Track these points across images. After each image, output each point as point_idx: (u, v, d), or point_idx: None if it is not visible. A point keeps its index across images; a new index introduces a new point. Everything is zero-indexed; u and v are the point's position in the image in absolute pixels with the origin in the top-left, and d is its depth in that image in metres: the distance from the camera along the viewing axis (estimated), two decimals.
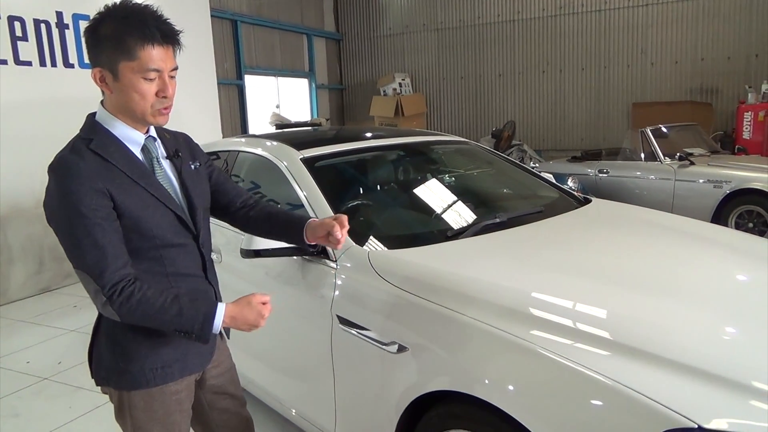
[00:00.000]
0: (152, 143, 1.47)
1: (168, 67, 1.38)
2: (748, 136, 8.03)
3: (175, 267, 1.46)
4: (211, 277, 1.60)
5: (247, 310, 1.43)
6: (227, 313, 1.40)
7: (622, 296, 1.76)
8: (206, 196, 1.60)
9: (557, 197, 2.93)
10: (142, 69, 1.33)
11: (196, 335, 1.37)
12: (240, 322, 1.42)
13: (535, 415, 1.44)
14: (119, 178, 1.35)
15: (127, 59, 1.32)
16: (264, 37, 9.67)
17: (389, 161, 3.11)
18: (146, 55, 1.32)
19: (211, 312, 1.37)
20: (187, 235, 1.49)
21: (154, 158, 1.46)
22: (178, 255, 1.46)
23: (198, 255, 1.53)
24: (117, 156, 1.37)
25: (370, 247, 2.15)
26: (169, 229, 1.43)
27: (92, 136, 1.38)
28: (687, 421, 1.23)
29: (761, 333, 1.59)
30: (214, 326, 1.37)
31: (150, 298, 1.32)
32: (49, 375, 3.51)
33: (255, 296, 1.45)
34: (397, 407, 1.80)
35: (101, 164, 1.34)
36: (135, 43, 1.31)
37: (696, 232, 2.54)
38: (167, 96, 1.39)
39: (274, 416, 2.83)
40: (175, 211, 1.44)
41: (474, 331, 1.63)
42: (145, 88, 1.35)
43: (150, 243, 1.40)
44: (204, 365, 1.59)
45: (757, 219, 5.57)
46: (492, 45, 10.30)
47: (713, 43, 8.72)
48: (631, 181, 6.37)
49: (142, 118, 1.39)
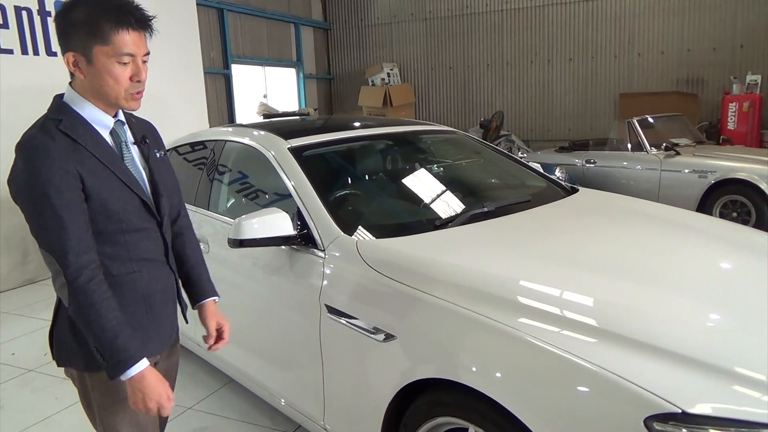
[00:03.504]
0: (121, 127, 1.48)
1: (141, 52, 1.39)
2: (732, 127, 8.12)
3: (139, 252, 1.47)
4: (173, 263, 1.61)
5: (159, 389, 1.39)
6: (144, 374, 1.37)
7: (609, 284, 1.78)
8: (172, 183, 1.62)
9: (545, 187, 2.94)
10: (116, 53, 1.34)
11: (107, 366, 1.36)
12: (144, 389, 1.37)
13: (522, 401, 1.45)
14: (88, 160, 1.36)
15: (102, 43, 1.33)
16: (251, 26, 9.58)
17: (377, 151, 3.10)
18: (120, 39, 1.34)
19: (132, 361, 1.35)
20: (151, 220, 1.50)
21: (123, 142, 1.47)
22: (141, 240, 1.47)
23: (161, 240, 1.54)
24: (86, 138, 1.38)
25: (358, 236, 2.15)
26: (135, 214, 1.45)
27: (61, 116, 1.38)
28: (671, 406, 1.25)
29: (745, 320, 1.62)
30: (124, 374, 1.35)
31: (103, 308, 1.33)
32: (34, 367, 3.48)
33: (169, 393, 1.43)
34: (386, 395, 1.81)
35: (71, 145, 1.35)
36: (109, 27, 1.32)
37: (681, 221, 2.57)
38: (141, 80, 1.40)
39: (263, 406, 2.83)
40: (140, 196, 1.46)
41: (462, 319, 1.64)
42: (120, 72, 1.36)
43: (116, 226, 1.41)
44: (164, 348, 1.61)
45: (741, 209, 5.65)
46: (480, 35, 10.29)
47: (699, 34, 8.78)
48: (618, 171, 6.42)
49: (115, 102, 1.40)
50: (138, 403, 1.39)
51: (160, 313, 1.55)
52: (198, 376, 3.31)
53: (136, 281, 1.47)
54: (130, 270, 1.45)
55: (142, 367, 1.37)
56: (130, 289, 1.46)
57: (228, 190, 2.98)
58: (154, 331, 1.53)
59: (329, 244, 2.12)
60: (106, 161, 1.39)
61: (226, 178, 2.99)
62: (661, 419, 1.25)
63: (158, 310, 1.54)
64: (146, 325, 1.49)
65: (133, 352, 1.35)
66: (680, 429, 1.23)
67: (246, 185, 2.98)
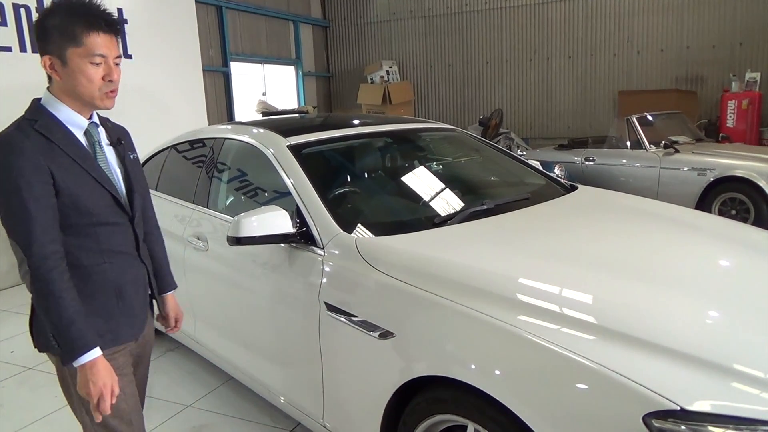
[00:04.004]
0: (95, 128, 1.58)
1: (112, 54, 1.49)
2: (731, 125, 8.12)
3: (109, 244, 1.56)
4: (145, 256, 1.71)
5: (106, 380, 1.45)
6: (95, 362, 1.44)
7: (608, 281, 1.78)
8: (144, 183, 1.73)
9: (544, 184, 2.94)
10: (88, 54, 1.45)
11: (61, 351, 1.45)
12: (92, 377, 1.44)
13: (521, 399, 1.45)
14: (60, 158, 1.46)
15: (75, 45, 1.44)
16: (250, 23, 9.56)
17: (377, 148, 3.10)
18: (92, 41, 1.45)
19: (85, 349, 1.43)
20: (123, 215, 1.60)
21: (96, 142, 1.57)
22: (112, 233, 1.57)
23: (132, 235, 1.63)
24: (60, 137, 1.48)
25: (357, 234, 2.15)
26: (106, 209, 1.54)
27: (37, 117, 1.48)
28: (670, 404, 1.25)
29: (743, 317, 1.62)
30: (76, 360, 1.43)
31: (61, 297, 1.41)
32: (33, 365, 3.48)
33: (115, 388, 1.48)
34: (385, 393, 1.81)
35: (44, 143, 1.45)
36: (81, 30, 1.44)
37: (680, 219, 2.57)
38: (113, 80, 1.49)
39: (262, 403, 2.84)
40: (111, 192, 1.55)
41: (461, 317, 1.64)
42: (92, 73, 1.46)
43: (87, 220, 1.51)
44: (136, 335, 1.68)
45: (739, 206, 5.65)
46: (479, 32, 10.27)
47: (698, 32, 8.77)
48: (617, 168, 6.42)
49: (90, 101, 1.50)
50: (82, 389, 1.46)
51: (131, 302, 1.63)
52: (197, 373, 3.32)
53: (107, 272, 1.56)
54: (101, 261, 1.55)
55: (94, 356, 1.44)
56: (100, 280, 1.55)
57: (227, 188, 2.97)
58: (124, 319, 1.61)
59: (328, 242, 2.12)
60: (79, 159, 1.49)
61: (225, 175, 2.99)
62: (660, 416, 1.25)
63: (129, 300, 1.62)
64: (117, 314, 1.59)
65: (86, 341, 1.43)
66: (679, 426, 1.24)
67: (245, 183, 2.97)
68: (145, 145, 3.79)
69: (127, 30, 6.13)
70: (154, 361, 3.48)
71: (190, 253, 2.87)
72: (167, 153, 3.50)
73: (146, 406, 3.08)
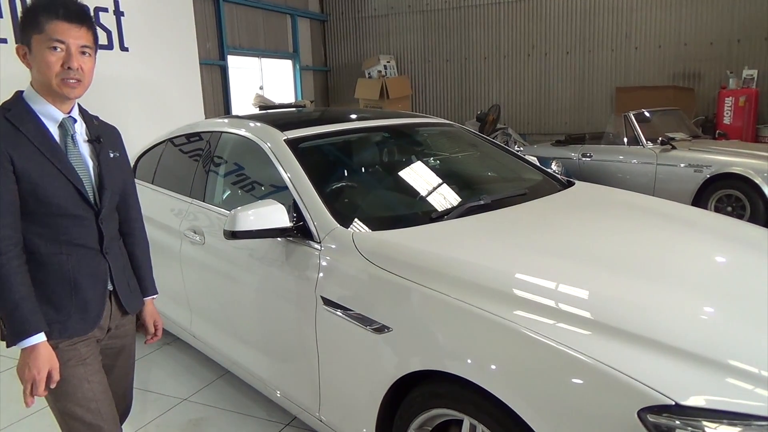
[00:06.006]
0: (71, 122, 1.60)
1: (76, 42, 1.52)
2: (728, 122, 8.14)
3: (69, 236, 1.58)
4: (111, 252, 1.68)
5: (41, 367, 1.48)
6: (36, 347, 1.48)
7: (604, 277, 1.78)
8: (119, 182, 1.72)
9: (541, 180, 2.94)
10: (46, 39, 1.49)
11: (5, 333, 1.50)
12: (31, 362, 1.48)
13: (517, 393, 1.46)
14: (25, 147, 1.49)
15: (37, 32, 1.50)
16: (247, 16, 9.51)
17: (374, 143, 3.09)
18: (51, 27, 1.49)
19: (26, 334, 1.47)
20: (88, 209, 1.60)
21: (70, 136, 1.59)
22: (73, 226, 1.58)
23: (95, 230, 1.63)
24: (29, 127, 1.52)
25: (354, 228, 2.15)
26: (68, 201, 1.55)
27: (11, 107, 1.54)
28: (665, 398, 1.26)
29: (739, 312, 1.63)
30: (20, 343, 1.47)
31: (10, 281, 1.45)
32: None
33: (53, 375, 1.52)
34: (381, 387, 1.82)
35: (11, 131, 1.49)
36: (42, 17, 1.49)
37: (676, 215, 2.58)
38: (71, 67, 1.51)
39: (259, 397, 2.84)
40: (76, 185, 1.56)
41: (457, 312, 1.64)
42: (51, 59, 1.49)
43: (46, 209, 1.53)
44: (87, 331, 1.64)
45: (735, 203, 5.67)
46: (477, 27, 10.25)
47: (696, 28, 8.77)
48: (614, 164, 6.43)
49: (49, 88, 1.53)
50: (20, 371, 1.50)
51: (86, 297, 1.62)
52: (193, 367, 3.32)
53: (63, 263, 1.57)
54: (57, 251, 1.56)
55: (37, 341, 1.48)
56: (55, 269, 1.56)
57: (224, 181, 2.97)
58: (76, 313, 1.60)
59: (325, 236, 2.12)
60: (46, 150, 1.52)
61: (221, 169, 2.98)
62: (654, 411, 1.26)
63: (84, 294, 1.61)
64: (68, 306, 1.58)
65: (30, 325, 1.47)
66: (674, 421, 1.24)
67: (242, 177, 2.97)
68: (141, 138, 3.78)
69: (123, 23, 6.09)
70: (150, 354, 3.50)
71: (186, 246, 2.87)
72: (164, 146, 3.49)
73: (141, 399, 3.08)
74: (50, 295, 1.55)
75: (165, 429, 2.74)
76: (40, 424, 2.82)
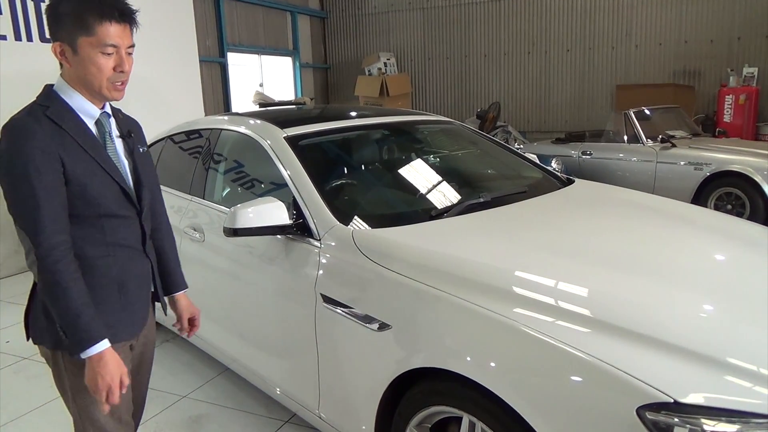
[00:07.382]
0: (106, 119, 1.54)
1: (125, 43, 1.45)
2: (728, 119, 8.13)
3: (115, 237, 1.53)
4: (150, 252, 1.66)
5: (114, 372, 1.43)
6: (103, 355, 1.41)
7: (603, 275, 1.79)
8: (153, 178, 1.69)
9: (541, 178, 2.94)
10: (99, 44, 1.41)
11: (68, 343, 1.42)
12: (100, 370, 1.42)
13: (516, 391, 1.46)
14: (71, 146, 1.42)
15: (86, 35, 1.40)
16: (247, 13, 9.50)
17: (374, 140, 3.09)
18: (104, 31, 1.41)
19: (93, 341, 1.40)
20: (131, 209, 1.56)
21: (107, 133, 1.53)
22: (119, 226, 1.53)
23: (139, 229, 1.60)
24: (71, 125, 1.44)
25: (354, 226, 2.15)
26: (114, 201, 1.51)
27: (49, 103, 1.44)
28: (664, 396, 1.26)
29: (738, 310, 1.63)
30: (84, 352, 1.40)
31: (69, 288, 1.37)
32: (29, 355, 3.48)
33: (124, 379, 1.46)
34: (380, 384, 1.82)
35: (56, 130, 1.41)
36: (94, 20, 1.40)
37: (676, 213, 2.58)
38: (124, 71, 1.46)
39: (258, 394, 2.84)
40: (120, 184, 1.51)
41: (457, 309, 1.64)
42: (103, 63, 1.42)
43: (94, 211, 1.47)
44: (135, 334, 1.63)
45: (735, 201, 5.67)
46: (478, 25, 10.23)
47: (696, 26, 8.75)
48: (614, 162, 6.43)
49: (98, 92, 1.46)
50: (91, 381, 1.42)
51: (133, 298, 1.59)
52: (193, 364, 3.32)
53: (110, 265, 1.52)
54: (105, 254, 1.51)
55: (102, 348, 1.41)
56: (103, 272, 1.51)
57: (223, 179, 2.97)
58: (125, 315, 1.57)
59: (325, 234, 2.12)
60: (89, 148, 1.45)
61: (221, 167, 2.98)
62: (653, 408, 1.26)
63: (131, 296, 1.58)
64: (118, 309, 1.54)
65: (95, 333, 1.40)
66: (672, 418, 1.24)
67: (242, 174, 2.97)
68: None
69: None
70: None
71: (186, 244, 2.87)
72: (163, 144, 3.49)
73: None
74: (99, 301, 1.47)
75: (165, 426, 2.74)
76: (41, 421, 2.83)
